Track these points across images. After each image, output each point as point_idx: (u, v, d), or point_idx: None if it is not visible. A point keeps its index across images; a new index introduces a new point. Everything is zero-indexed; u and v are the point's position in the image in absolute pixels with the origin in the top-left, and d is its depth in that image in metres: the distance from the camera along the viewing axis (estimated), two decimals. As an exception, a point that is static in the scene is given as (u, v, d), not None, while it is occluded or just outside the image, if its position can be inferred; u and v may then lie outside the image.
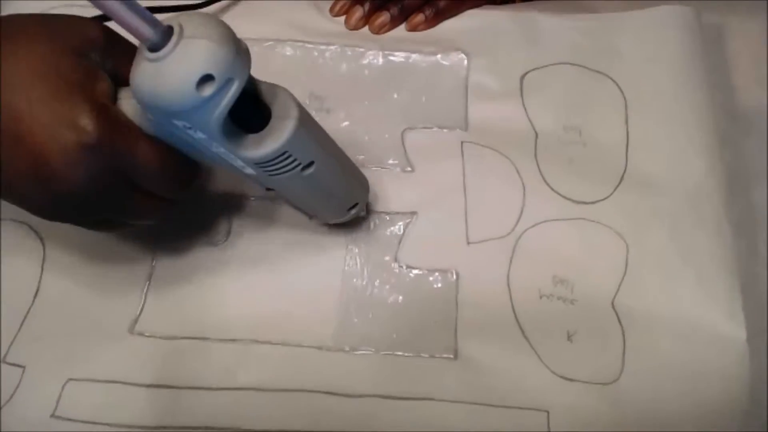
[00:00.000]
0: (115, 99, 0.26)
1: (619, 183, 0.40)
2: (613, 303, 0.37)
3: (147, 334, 0.35)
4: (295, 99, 0.26)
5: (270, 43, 0.44)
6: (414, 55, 0.44)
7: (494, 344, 0.35)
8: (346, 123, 0.42)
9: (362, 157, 0.40)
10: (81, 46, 0.25)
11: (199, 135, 0.24)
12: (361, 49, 0.44)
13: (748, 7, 0.46)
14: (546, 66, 0.44)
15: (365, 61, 0.44)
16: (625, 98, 0.42)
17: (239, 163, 0.26)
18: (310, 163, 0.28)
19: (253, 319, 0.36)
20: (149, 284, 0.37)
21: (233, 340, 0.35)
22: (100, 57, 0.26)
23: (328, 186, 0.31)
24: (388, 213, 0.39)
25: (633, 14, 0.45)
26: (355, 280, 0.37)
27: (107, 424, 0.33)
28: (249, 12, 0.45)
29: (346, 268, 0.37)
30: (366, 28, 0.45)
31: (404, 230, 0.38)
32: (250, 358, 0.35)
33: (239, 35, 0.43)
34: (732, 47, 0.45)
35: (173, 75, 0.21)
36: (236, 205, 0.39)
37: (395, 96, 0.43)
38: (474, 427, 0.33)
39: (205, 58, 0.21)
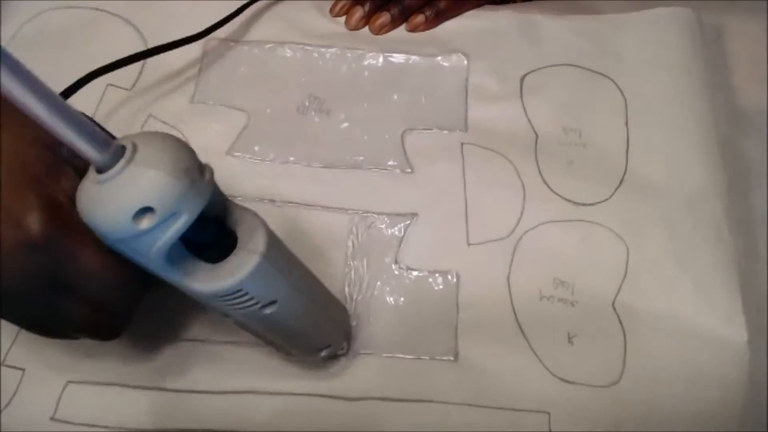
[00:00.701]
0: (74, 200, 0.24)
1: (619, 185, 0.40)
2: (614, 305, 0.36)
3: (147, 337, 0.35)
4: (265, 231, 0.23)
5: (270, 45, 0.44)
6: (414, 57, 0.44)
7: (495, 346, 0.35)
8: (345, 124, 0.42)
9: (361, 158, 0.40)
10: (52, 139, 0.24)
11: (144, 261, 0.22)
12: (361, 51, 0.44)
13: (748, 7, 0.46)
14: (546, 67, 0.44)
15: (365, 63, 0.44)
16: (625, 100, 0.42)
17: (189, 292, 0.24)
18: (272, 302, 0.25)
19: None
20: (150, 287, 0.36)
21: (233, 343, 0.35)
22: (70, 152, 0.23)
23: (293, 326, 0.27)
24: (388, 215, 0.39)
25: (633, 16, 0.45)
26: (355, 281, 0.37)
27: (106, 427, 0.33)
28: (248, 12, 0.45)
29: (346, 269, 0.37)
30: (366, 30, 0.45)
31: (404, 232, 0.38)
32: (250, 361, 0.35)
33: (237, 36, 0.44)
34: (732, 47, 0.45)
35: (111, 202, 0.20)
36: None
37: (395, 97, 0.43)
38: (474, 428, 0.33)
39: (147, 189, 0.19)
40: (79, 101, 0.37)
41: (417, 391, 0.34)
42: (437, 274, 0.37)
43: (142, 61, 0.43)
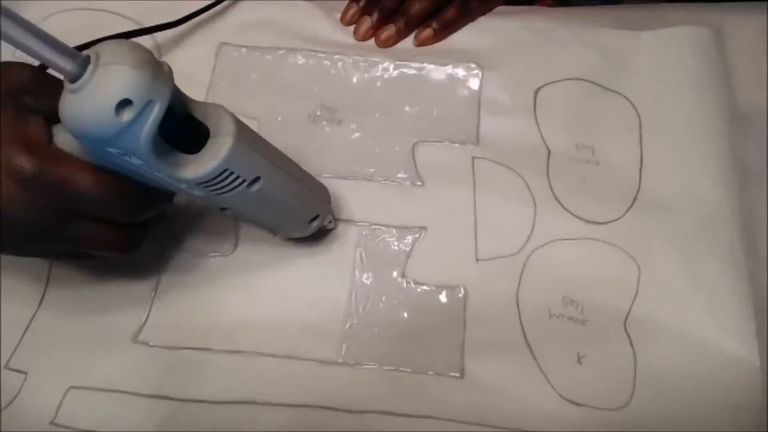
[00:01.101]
0: (50, 137, 0.26)
1: (632, 204, 0.39)
2: (625, 325, 0.36)
3: (150, 344, 0.35)
4: (232, 116, 0.26)
5: (282, 51, 0.44)
6: (427, 67, 0.44)
7: (502, 364, 0.35)
8: (357, 135, 0.41)
9: (372, 170, 0.40)
10: (11, 91, 0.26)
11: (136, 161, 0.24)
12: (374, 60, 0.44)
13: (748, 7, 0.46)
14: (560, 81, 0.43)
15: (377, 73, 0.44)
16: (639, 118, 0.42)
17: (183, 186, 0.26)
18: (256, 179, 0.27)
19: (258, 330, 0.35)
20: (155, 294, 0.36)
21: (236, 352, 0.35)
22: (33, 100, 0.26)
23: (280, 200, 0.30)
24: (396, 227, 0.38)
25: (650, 33, 0.44)
26: (361, 294, 0.37)
27: (106, 433, 0.33)
28: (261, 18, 0.45)
29: (353, 282, 0.37)
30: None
31: (412, 245, 0.38)
32: (253, 371, 0.34)
33: (249, 42, 0.44)
34: (732, 47, 0.45)
35: (92, 103, 0.22)
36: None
37: (407, 108, 0.42)
38: None
39: (121, 83, 0.21)
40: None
41: (420, 406, 0.34)
42: (445, 289, 0.37)
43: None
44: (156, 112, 0.22)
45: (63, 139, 0.26)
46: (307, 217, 0.34)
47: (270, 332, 0.35)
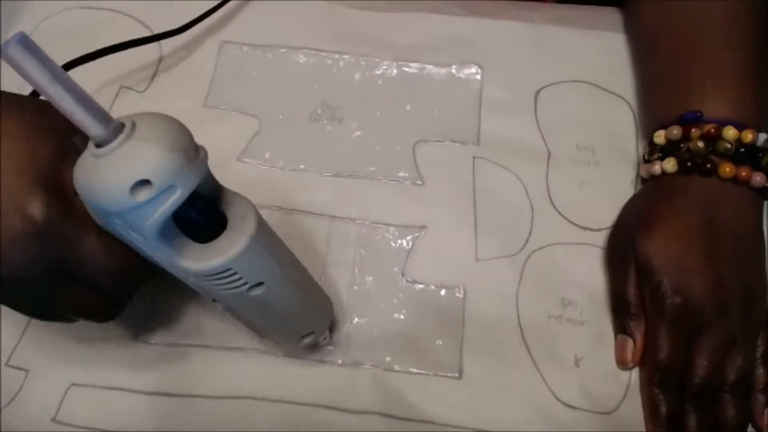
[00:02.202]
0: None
1: None
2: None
3: (151, 342, 0.35)
4: (256, 214, 0.24)
5: (284, 50, 0.44)
6: (428, 67, 0.44)
7: (500, 365, 0.35)
8: (358, 133, 0.41)
9: (373, 168, 0.40)
10: (66, 129, 0.24)
11: (138, 236, 0.22)
12: (376, 59, 0.44)
13: None
14: (561, 82, 0.43)
15: (379, 71, 0.44)
16: (636, 123, 0.42)
17: (181, 272, 0.24)
18: (259, 284, 0.25)
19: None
20: (155, 292, 0.36)
21: (236, 349, 0.35)
22: (82, 142, 0.24)
23: (278, 310, 0.28)
24: (396, 226, 0.38)
25: None
26: (361, 293, 0.37)
27: (106, 431, 0.33)
28: (263, 16, 0.45)
29: (352, 280, 0.37)
30: (379, 36, 0.44)
31: (412, 244, 0.38)
32: (252, 368, 0.35)
33: (252, 40, 0.43)
34: None
35: (110, 174, 0.20)
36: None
37: (408, 107, 0.42)
38: None
39: (145, 162, 0.20)
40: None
41: (418, 408, 0.34)
42: (444, 288, 0.37)
43: (156, 64, 0.43)
44: (174, 199, 0.21)
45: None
46: (301, 332, 0.31)
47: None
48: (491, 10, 0.46)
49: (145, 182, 0.20)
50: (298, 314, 0.30)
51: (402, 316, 0.36)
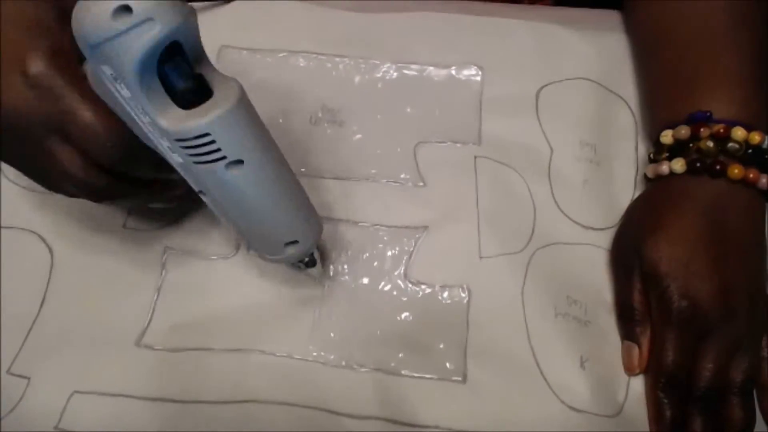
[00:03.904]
0: (80, 60, 0.26)
1: None
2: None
3: (154, 347, 0.35)
4: (241, 89, 0.25)
5: (284, 54, 0.44)
6: (428, 68, 0.44)
7: (504, 369, 0.35)
8: (358, 136, 0.41)
9: (374, 171, 0.40)
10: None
11: (125, 91, 0.23)
12: (375, 62, 0.44)
13: None
14: (563, 81, 0.43)
15: (379, 74, 0.43)
16: (636, 124, 0.42)
17: (165, 144, 0.25)
18: (239, 161, 0.25)
19: (260, 332, 0.35)
20: (158, 296, 0.36)
21: (238, 350, 0.35)
22: None
23: (257, 199, 0.28)
24: (398, 228, 0.38)
25: None
26: (363, 295, 0.36)
27: (110, 438, 0.33)
28: (261, 20, 0.45)
29: (355, 283, 0.37)
30: (379, 39, 0.44)
31: (415, 245, 0.38)
32: (254, 371, 0.34)
33: (250, 44, 0.43)
34: None
35: (96, 3, 0.22)
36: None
37: (408, 110, 0.42)
38: None
39: None
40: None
41: (422, 413, 0.33)
42: (447, 289, 0.37)
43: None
44: (154, 32, 0.22)
45: (86, 67, 0.26)
46: (283, 237, 0.30)
47: (272, 334, 0.35)
48: (490, 10, 0.46)
49: (125, 9, 0.21)
50: (280, 211, 0.29)
51: (405, 319, 0.36)
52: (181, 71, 0.24)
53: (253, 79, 0.43)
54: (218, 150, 0.24)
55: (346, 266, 0.37)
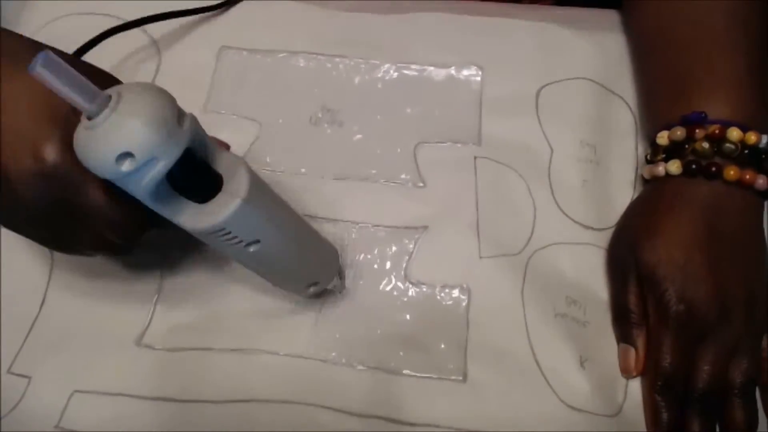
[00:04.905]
0: None
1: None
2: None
3: (154, 347, 0.35)
4: (248, 174, 0.25)
5: (284, 54, 0.44)
6: (428, 69, 0.44)
7: (504, 368, 0.35)
8: (358, 136, 0.41)
9: (374, 171, 0.40)
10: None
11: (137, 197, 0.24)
12: (375, 62, 0.44)
13: None
14: (563, 80, 0.43)
15: (379, 74, 0.44)
16: (636, 124, 0.42)
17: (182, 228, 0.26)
18: (256, 241, 0.27)
19: (261, 331, 0.36)
20: (158, 296, 0.36)
21: (239, 350, 0.35)
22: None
23: (278, 264, 0.30)
24: (398, 228, 0.38)
25: None
26: (363, 295, 0.36)
27: (110, 437, 0.33)
28: (261, 20, 0.45)
29: (355, 283, 0.37)
30: (379, 40, 0.44)
31: (415, 245, 0.38)
32: (255, 370, 0.34)
33: (250, 44, 0.43)
34: None
35: (98, 146, 0.22)
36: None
37: (408, 110, 0.42)
38: None
39: (126, 137, 0.22)
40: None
41: (422, 412, 0.33)
42: (447, 288, 0.37)
43: (155, 68, 0.43)
44: (158, 169, 0.23)
45: None
46: (305, 282, 0.33)
47: (271, 332, 0.36)
48: (491, 10, 0.46)
49: (128, 154, 0.22)
50: (299, 267, 0.31)
51: (405, 318, 0.36)
52: (191, 172, 0.25)
53: (253, 79, 0.43)
54: (235, 237, 0.26)
55: (345, 266, 0.37)
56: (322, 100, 0.42)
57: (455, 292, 0.36)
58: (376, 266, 0.37)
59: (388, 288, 0.37)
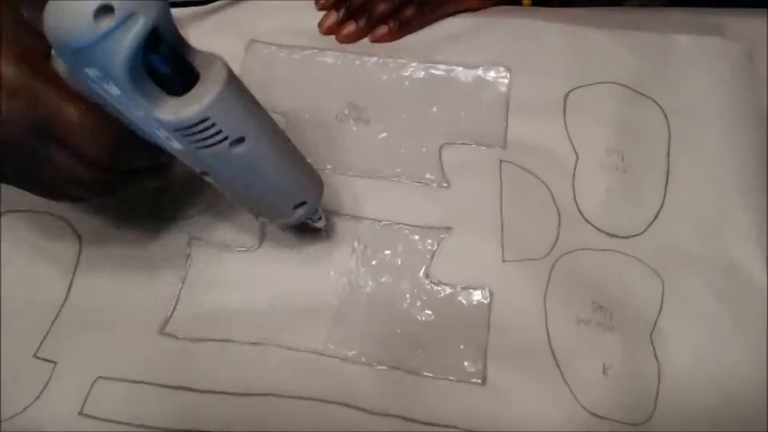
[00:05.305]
0: (47, 55, 0.25)
1: (654, 220, 0.39)
2: (651, 336, 0.36)
3: (177, 336, 0.35)
4: (226, 65, 0.24)
5: (311, 51, 0.44)
6: (455, 69, 0.43)
7: (525, 372, 0.34)
8: (384, 134, 0.41)
9: (399, 170, 0.40)
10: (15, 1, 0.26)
11: (114, 90, 0.23)
12: (403, 61, 0.44)
13: (748, 12, 0.46)
14: (592, 84, 0.43)
15: (406, 73, 0.43)
16: (669, 129, 0.41)
17: (162, 133, 0.25)
18: (240, 139, 0.25)
19: (280, 326, 0.36)
20: (182, 286, 0.37)
21: (258, 344, 0.35)
22: (34, 14, 0.25)
23: (264, 172, 0.28)
24: (422, 227, 0.38)
25: (686, 38, 0.43)
26: (385, 294, 0.37)
27: (131, 424, 0.33)
28: (291, 16, 0.45)
29: (377, 281, 0.37)
30: (407, 39, 0.45)
31: (438, 246, 0.38)
32: (273, 364, 0.35)
33: (279, 40, 0.43)
34: None
35: (73, 5, 0.21)
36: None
37: (434, 110, 0.42)
38: None
39: None
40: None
41: (440, 414, 0.33)
42: (470, 290, 0.37)
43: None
44: (138, 27, 0.21)
45: (57, 64, 0.25)
46: (292, 201, 0.31)
47: (293, 327, 0.36)
48: (521, 12, 0.46)
49: (107, 8, 0.21)
50: (285, 178, 0.30)
51: (426, 319, 0.36)
52: (166, 58, 0.23)
53: (280, 74, 0.43)
54: (219, 132, 0.24)
55: (367, 263, 0.37)
56: (348, 97, 0.43)
57: (477, 295, 0.36)
58: (397, 264, 0.37)
59: (409, 287, 0.37)
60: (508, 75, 0.43)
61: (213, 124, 0.24)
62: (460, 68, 0.43)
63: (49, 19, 0.22)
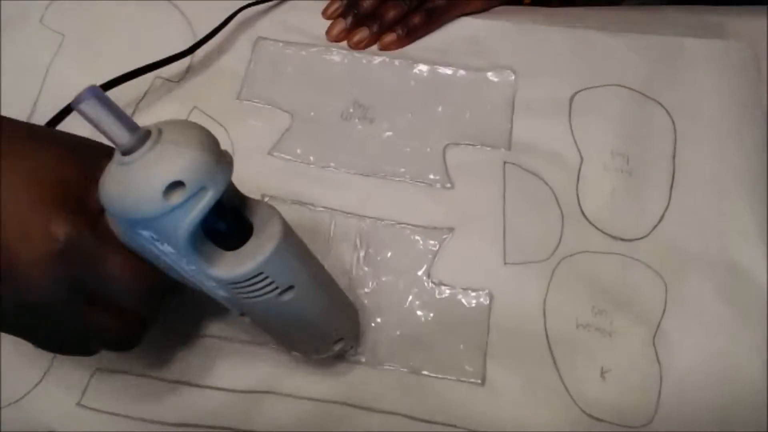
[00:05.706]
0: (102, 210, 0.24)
1: (658, 223, 0.39)
2: (654, 339, 0.35)
3: (175, 329, 0.35)
4: (280, 218, 0.24)
5: (318, 49, 0.44)
6: (461, 70, 0.43)
7: (524, 373, 0.34)
8: (388, 134, 0.41)
9: (402, 169, 0.40)
10: (90, 153, 0.25)
11: (168, 248, 0.22)
12: (409, 61, 0.44)
13: (748, 10, 0.45)
14: (597, 87, 0.43)
15: (412, 73, 0.43)
16: (675, 132, 0.41)
17: (211, 284, 0.24)
18: (290, 288, 0.25)
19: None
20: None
21: (263, 344, 0.35)
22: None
23: (308, 315, 0.28)
24: (424, 228, 0.38)
25: (691, 42, 0.43)
26: (386, 293, 0.36)
27: (129, 417, 0.33)
28: (298, 13, 0.46)
29: (378, 280, 0.37)
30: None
31: (439, 246, 0.38)
32: (278, 363, 0.35)
33: (287, 37, 0.44)
34: None
35: (141, 179, 0.20)
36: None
37: (440, 110, 0.42)
38: None
39: (177, 163, 0.20)
40: (126, 90, 0.38)
41: (440, 412, 0.33)
42: (470, 291, 0.36)
43: (191, 56, 0.43)
44: (206, 201, 0.21)
45: (110, 222, 0.24)
46: (332, 338, 0.31)
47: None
48: (527, 14, 0.45)
49: (178, 184, 0.20)
50: (328, 318, 0.29)
51: (427, 319, 0.36)
52: (224, 218, 0.23)
53: (287, 72, 0.43)
54: (271, 283, 0.24)
55: (369, 263, 0.37)
56: (354, 95, 0.43)
57: (478, 296, 0.36)
58: (399, 264, 0.37)
59: (410, 287, 0.37)
60: (514, 76, 0.43)
61: (266, 278, 0.24)
62: (466, 69, 0.43)
63: (111, 185, 0.21)
